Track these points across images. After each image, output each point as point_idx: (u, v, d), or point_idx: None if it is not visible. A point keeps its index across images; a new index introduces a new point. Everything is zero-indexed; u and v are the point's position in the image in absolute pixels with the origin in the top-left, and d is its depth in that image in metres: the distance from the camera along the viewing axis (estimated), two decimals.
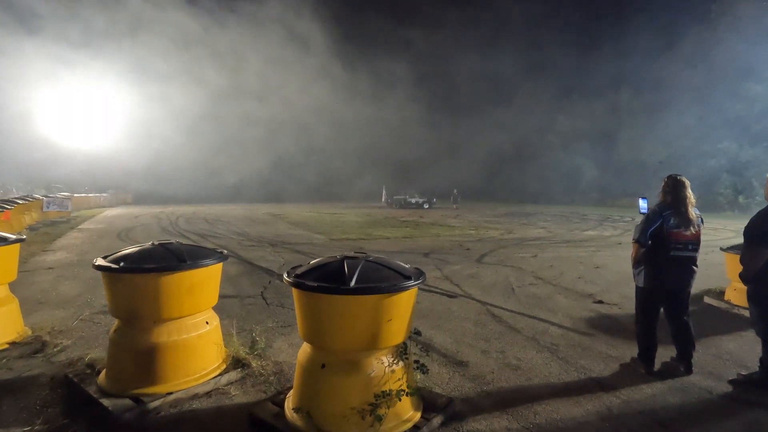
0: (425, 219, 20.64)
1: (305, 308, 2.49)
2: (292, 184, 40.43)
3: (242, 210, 25.98)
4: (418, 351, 3.15)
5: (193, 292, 3.00)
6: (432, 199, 32.12)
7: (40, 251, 9.27)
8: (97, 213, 22.26)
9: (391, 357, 2.52)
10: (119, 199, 32.87)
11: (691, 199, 3.42)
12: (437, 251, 9.89)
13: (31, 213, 14.59)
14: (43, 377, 3.23)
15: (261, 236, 12.63)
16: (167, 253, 3.00)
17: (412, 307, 2.58)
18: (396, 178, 39.79)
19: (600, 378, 3.35)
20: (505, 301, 5.60)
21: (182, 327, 3.02)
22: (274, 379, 3.25)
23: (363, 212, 25.37)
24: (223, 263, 3.29)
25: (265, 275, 7.02)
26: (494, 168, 44.57)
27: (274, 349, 3.85)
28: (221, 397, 2.97)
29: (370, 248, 10.08)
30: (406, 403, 2.52)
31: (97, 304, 5.16)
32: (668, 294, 3.40)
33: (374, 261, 2.60)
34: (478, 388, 3.17)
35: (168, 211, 23.66)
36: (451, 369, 3.49)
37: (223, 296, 5.45)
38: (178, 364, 2.96)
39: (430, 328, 4.42)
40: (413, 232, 14.48)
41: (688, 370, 3.39)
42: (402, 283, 2.40)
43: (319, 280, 2.40)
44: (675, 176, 3.51)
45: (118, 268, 2.81)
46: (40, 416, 2.67)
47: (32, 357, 3.61)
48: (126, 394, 2.82)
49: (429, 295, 5.78)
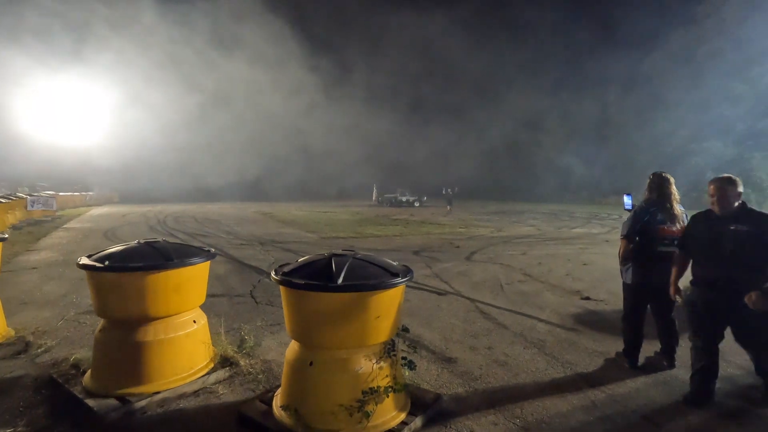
0: (416, 217, 20.70)
1: (293, 306, 2.49)
2: (282, 182, 40.21)
3: (232, 209, 25.78)
4: (406, 348, 3.16)
5: (180, 291, 2.97)
6: (422, 198, 32.23)
7: (24, 251, 9.10)
8: (83, 212, 21.91)
9: (379, 354, 2.53)
10: (105, 197, 32.38)
11: (676, 196, 3.48)
12: (427, 249, 9.92)
13: (15, 212, 14.31)
14: (27, 378, 3.18)
15: (251, 235, 12.55)
16: (153, 252, 2.97)
17: (400, 304, 2.59)
18: (387, 176, 39.82)
19: (586, 373, 3.40)
20: (493, 298, 5.64)
21: (169, 326, 2.99)
22: (263, 377, 3.24)
23: (354, 211, 25.35)
24: (210, 262, 3.27)
25: (255, 274, 6.99)
26: (485, 166, 44.81)
27: (262, 347, 3.84)
28: (209, 396, 2.96)
29: (360, 246, 10.08)
30: (394, 400, 2.53)
31: (82, 304, 5.09)
32: (655, 290, 3.45)
33: (362, 258, 2.60)
34: (466, 384, 3.19)
35: (156, 210, 23.38)
36: (440, 366, 3.52)
37: (212, 295, 5.42)
38: (164, 364, 2.93)
39: (419, 326, 4.44)
40: (404, 230, 14.51)
41: (671, 365, 3.46)
42: (389, 281, 2.41)
43: (306, 277, 2.39)
44: (660, 173, 3.57)
45: (103, 267, 2.78)
46: (24, 418, 2.64)
47: (16, 358, 3.55)
48: (112, 394, 2.79)
49: (418, 293, 5.80)
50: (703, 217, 2.94)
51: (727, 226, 2.67)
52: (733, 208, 2.72)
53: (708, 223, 2.85)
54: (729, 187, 2.74)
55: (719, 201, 2.75)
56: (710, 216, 2.86)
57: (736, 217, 2.69)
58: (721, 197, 2.75)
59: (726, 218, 2.71)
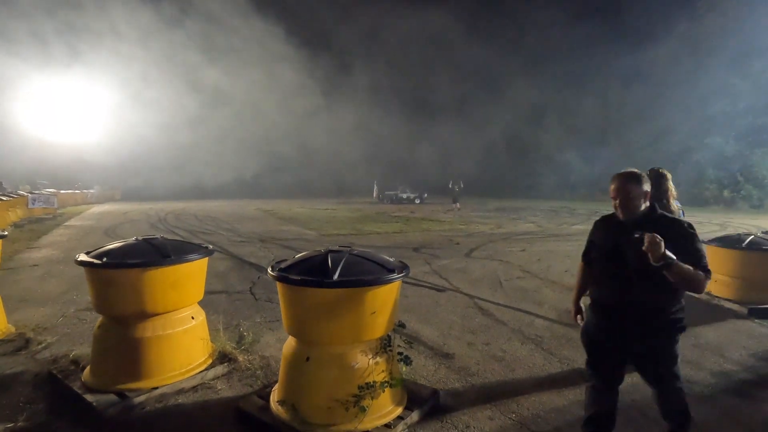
0: (416, 214, 20.70)
1: (289, 302, 2.50)
2: (283, 180, 40.18)
3: (233, 206, 25.79)
4: (403, 343, 3.18)
5: (177, 288, 2.99)
6: (423, 194, 32.22)
7: (25, 248, 9.13)
8: (84, 210, 21.95)
9: (375, 349, 2.54)
10: (107, 195, 32.42)
11: (673, 192, 3.49)
12: (427, 246, 9.94)
13: (16, 209, 14.35)
14: (27, 374, 3.20)
15: (251, 232, 12.57)
16: (151, 249, 2.98)
17: (396, 300, 2.60)
18: (387, 173, 39.77)
19: (583, 368, 3.38)
20: (492, 294, 5.66)
21: (167, 322, 3.01)
22: (261, 373, 3.26)
23: (354, 208, 25.35)
24: (208, 258, 3.28)
25: (255, 271, 7.01)
26: (485, 163, 44.75)
27: (261, 343, 3.86)
28: (207, 392, 2.98)
29: (360, 243, 10.10)
30: (390, 395, 2.55)
31: (82, 301, 5.11)
32: None
33: (358, 255, 2.61)
34: (463, 380, 3.21)
35: (157, 208, 23.40)
36: (437, 361, 3.53)
37: (212, 292, 5.45)
38: (163, 359, 2.95)
39: (417, 322, 4.46)
40: (404, 227, 14.52)
41: None
42: (385, 276, 2.43)
43: (303, 273, 2.41)
44: (656, 169, 3.58)
45: (101, 264, 2.80)
46: (24, 413, 2.66)
47: (16, 354, 3.58)
48: (111, 389, 2.81)
49: (417, 289, 5.82)
50: (602, 224, 2.35)
51: (630, 235, 2.02)
52: (639, 212, 2.14)
53: (608, 231, 2.27)
54: (632, 185, 2.14)
55: (621, 204, 2.16)
56: (612, 222, 2.28)
57: (642, 223, 2.08)
58: (624, 199, 2.14)
59: (630, 225, 2.10)
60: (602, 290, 2.26)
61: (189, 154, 35.47)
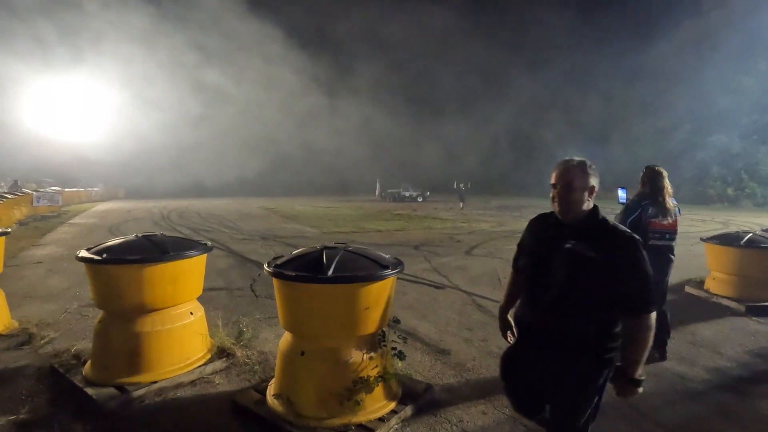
0: (418, 212, 20.72)
1: (285, 297, 2.54)
2: (286, 178, 40.27)
3: (235, 204, 25.90)
4: (397, 338, 3.22)
5: (176, 283, 3.04)
6: (426, 192, 32.22)
7: (29, 246, 9.23)
8: (89, 207, 22.12)
9: (369, 344, 2.58)
10: (110, 193, 32.63)
11: (669, 190, 3.51)
12: (428, 243, 9.96)
13: (21, 207, 14.48)
14: (30, 368, 3.27)
15: (253, 230, 12.64)
16: (150, 245, 3.03)
17: (390, 296, 2.63)
18: (390, 171, 39.77)
19: None
20: (491, 291, 5.68)
21: (166, 317, 3.06)
22: (259, 368, 3.31)
23: (357, 206, 25.40)
24: (208, 255, 3.33)
25: (256, 268, 7.06)
26: (488, 161, 44.67)
27: (260, 339, 3.91)
28: (205, 386, 3.03)
29: (361, 241, 10.14)
30: (384, 389, 2.59)
31: (85, 297, 5.18)
32: None
33: (353, 251, 2.65)
34: (459, 375, 3.24)
35: (161, 206, 23.54)
36: (433, 357, 3.57)
37: (213, 288, 5.51)
38: (162, 354, 3.00)
39: (415, 318, 4.50)
40: (405, 224, 14.55)
41: (662, 357, 3.49)
42: (379, 272, 2.46)
43: (298, 269, 2.44)
44: (653, 167, 3.59)
45: (101, 260, 2.84)
46: (26, 405, 2.72)
47: (19, 349, 3.64)
48: (111, 383, 2.86)
49: (416, 286, 5.85)
50: (536, 224, 1.93)
51: (562, 243, 1.67)
52: (580, 214, 1.71)
53: (541, 234, 1.84)
54: (576, 173, 1.69)
55: (560, 194, 1.70)
56: (548, 222, 1.85)
57: (578, 230, 1.69)
58: (564, 189, 1.69)
59: (566, 228, 1.72)
60: (522, 307, 1.89)
61: (191, 153, 35.58)
